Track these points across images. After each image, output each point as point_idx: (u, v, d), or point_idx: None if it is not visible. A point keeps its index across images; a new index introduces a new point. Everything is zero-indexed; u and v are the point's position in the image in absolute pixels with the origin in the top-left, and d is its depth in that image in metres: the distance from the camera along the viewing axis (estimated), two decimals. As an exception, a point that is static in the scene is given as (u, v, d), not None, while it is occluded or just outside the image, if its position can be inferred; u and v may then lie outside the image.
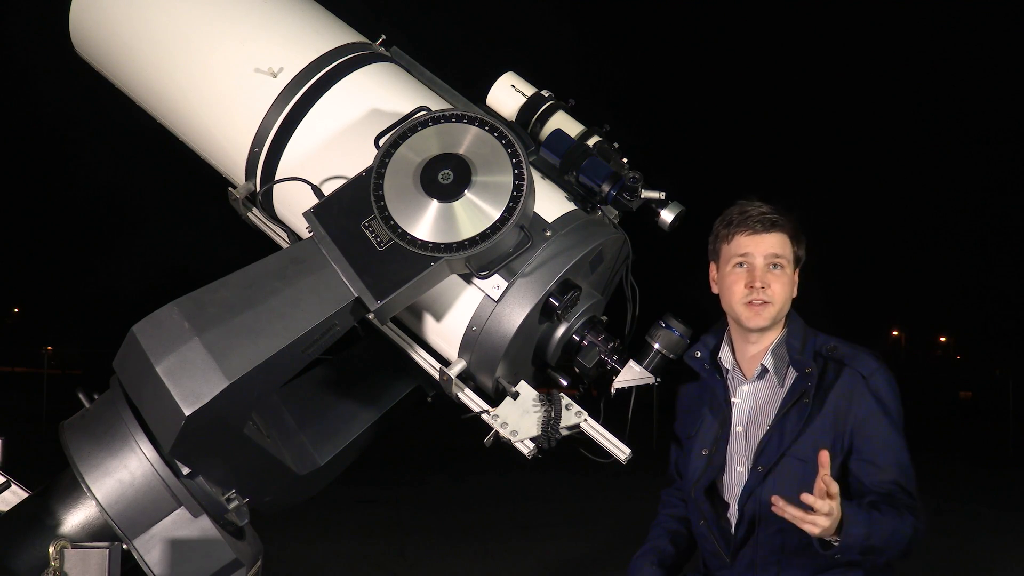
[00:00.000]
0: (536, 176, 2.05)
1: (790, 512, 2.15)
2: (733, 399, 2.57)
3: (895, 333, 47.98)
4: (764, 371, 2.55)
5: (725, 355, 2.61)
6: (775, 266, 2.50)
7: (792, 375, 2.50)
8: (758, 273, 2.49)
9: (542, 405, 2.01)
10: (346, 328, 1.93)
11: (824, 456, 2.16)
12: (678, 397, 2.74)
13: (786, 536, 2.42)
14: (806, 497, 2.15)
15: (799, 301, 2.64)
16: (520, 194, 1.87)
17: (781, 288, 2.50)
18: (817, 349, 2.52)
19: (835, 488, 2.16)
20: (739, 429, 2.54)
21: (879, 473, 2.42)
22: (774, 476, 2.43)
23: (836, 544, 2.22)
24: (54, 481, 2.04)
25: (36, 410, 16.46)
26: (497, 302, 1.96)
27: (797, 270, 2.59)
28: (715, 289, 2.61)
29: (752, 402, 2.55)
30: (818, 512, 2.14)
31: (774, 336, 2.55)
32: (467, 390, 2.04)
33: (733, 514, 2.51)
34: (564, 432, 2.01)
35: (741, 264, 2.51)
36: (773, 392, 2.53)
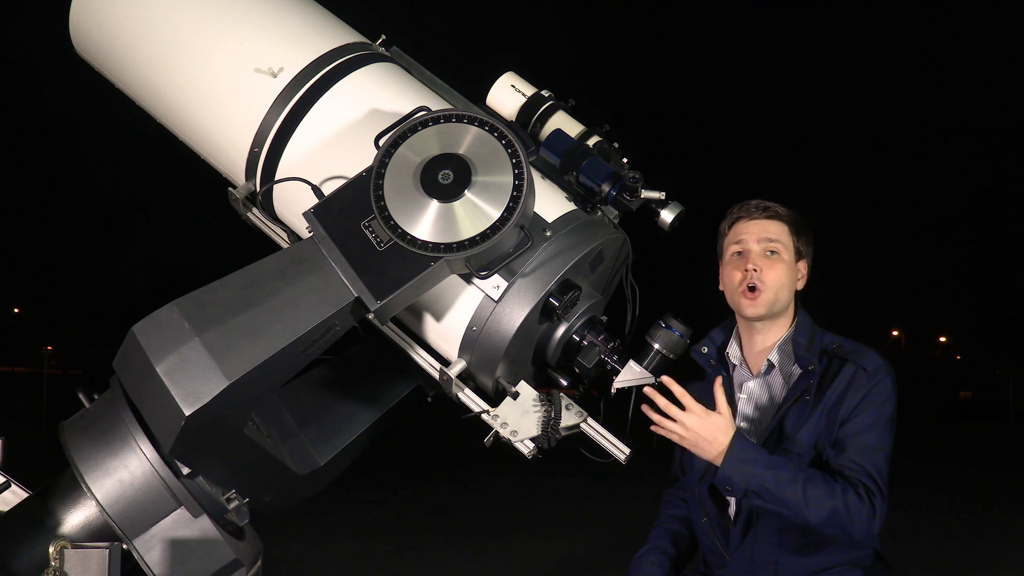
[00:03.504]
0: (536, 176, 2.04)
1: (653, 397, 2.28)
2: (738, 395, 2.58)
3: (895, 333, 47.99)
4: (770, 367, 2.56)
5: (733, 350, 2.62)
6: (772, 252, 2.53)
7: (797, 372, 2.51)
8: (752, 257, 2.52)
9: (542, 405, 2.00)
10: (346, 328, 1.93)
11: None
12: None
13: (784, 535, 2.43)
14: (670, 383, 2.26)
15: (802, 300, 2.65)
16: (520, 194, 1.87)
17: (775, 275, 2.51)
18: (824, 347, 2.52)
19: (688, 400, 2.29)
20: (743, 425, 2.54)
21: (845, 451, 2.39)
22: None
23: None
24: (54, 481, 2.04)
25: (36, 410, 16.46)
26: (497, 302, 1.96)
27: (804, 263, 2.60)
28: (722, 286, 2.63)
29: (757, 398, 2.56)
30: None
31: (781, 331, 2.56)
32: (467, 390, 2.04)
33: (733, 509, 2.51)
34: (564, 432, 2.01)
35: (739, 252, 2.55)
36: (778, 389, 2.54)
